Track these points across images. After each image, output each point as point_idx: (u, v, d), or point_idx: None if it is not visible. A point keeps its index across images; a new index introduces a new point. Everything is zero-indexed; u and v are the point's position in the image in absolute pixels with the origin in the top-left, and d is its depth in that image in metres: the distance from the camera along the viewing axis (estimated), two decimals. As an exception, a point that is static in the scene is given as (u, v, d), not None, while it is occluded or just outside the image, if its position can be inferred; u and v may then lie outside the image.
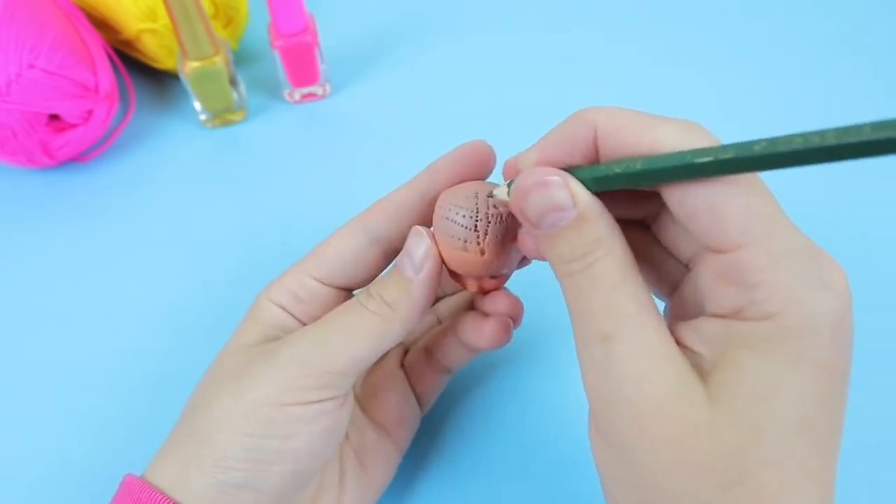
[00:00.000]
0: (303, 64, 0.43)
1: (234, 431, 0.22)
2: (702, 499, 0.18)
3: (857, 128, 0.14)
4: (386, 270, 0.26)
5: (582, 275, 0.20)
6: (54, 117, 0.39)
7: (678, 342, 0.19)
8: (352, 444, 0.28)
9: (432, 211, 0.25)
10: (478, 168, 0.25)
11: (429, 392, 0.30)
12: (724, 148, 0.17)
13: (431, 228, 0.25)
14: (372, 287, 0.24)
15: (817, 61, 0.47)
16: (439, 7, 0.51)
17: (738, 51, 0.48)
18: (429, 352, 0.30)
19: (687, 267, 0.22)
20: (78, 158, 0.42)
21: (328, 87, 0.46)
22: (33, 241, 0.40)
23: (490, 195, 0.23)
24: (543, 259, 0.22)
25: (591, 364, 0.20)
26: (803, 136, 0.15)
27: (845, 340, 0.18)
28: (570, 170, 0.20)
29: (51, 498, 0.31)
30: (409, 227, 0.26)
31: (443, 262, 0.24)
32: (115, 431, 0.33)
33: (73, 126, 0.40)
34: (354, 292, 0.27)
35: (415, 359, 0.30)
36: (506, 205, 0.23)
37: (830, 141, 0.14)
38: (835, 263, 0.18)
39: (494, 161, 0.26)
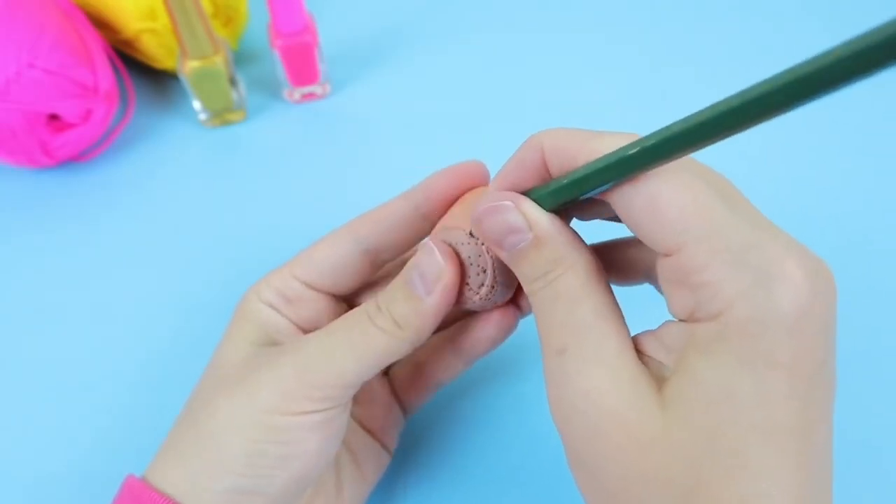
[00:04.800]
0: (303, 63, 0.43)
1: (241, 437, 0.22)
2: None
3: (758, 85, 0.14)
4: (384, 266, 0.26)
5: (544, 291, 0.20)
6: (54, 117, 0.39)
7: (642, 352, 0.19)
8: (346, 443, 0.28)
9: (424, 224, 0.26)
10: (471, 186, 0.26)
11: (415, 403, 0.30)
12: (649, 135, 0.17)
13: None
14: (381, 298, 0.23)
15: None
16: (439, 7, 0.51)
17: (738, 52, 0.48)
18: (419, 366, 0.29)
19: None
20: (77, 158, 0.42)
21: (328, 87, 0.46)
22: (33, 241, 0.40)
23: (470, 233, 0.23)
24: None
25: (550, 377, 0.20)
26: (712, 105, 0.15)
27: (811, 336, 0.17)
28: (528, 192, 0.21)
29: (53, 497, 0.31)
30: (401, 240, 0.26)
31: None
32: (116, 430, 0.33)
33: (72, 126, 0.40)
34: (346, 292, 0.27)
35: (404, 373, 0.30)
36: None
37: (734, 102, 0.15)
38: (792, 254, 0.17)
39: (488, 179, 0.26)
